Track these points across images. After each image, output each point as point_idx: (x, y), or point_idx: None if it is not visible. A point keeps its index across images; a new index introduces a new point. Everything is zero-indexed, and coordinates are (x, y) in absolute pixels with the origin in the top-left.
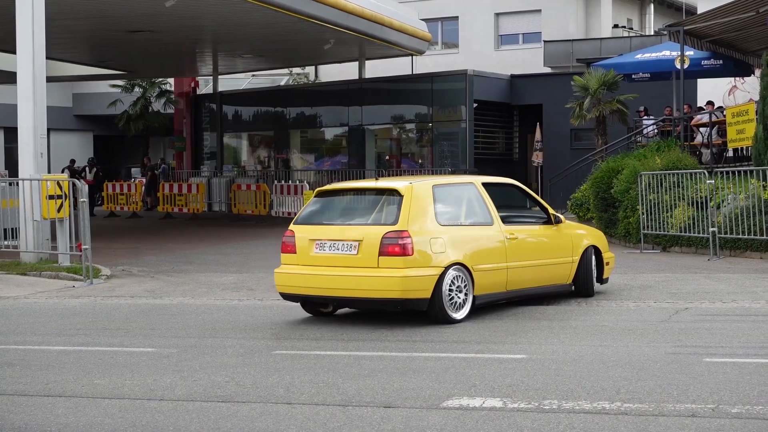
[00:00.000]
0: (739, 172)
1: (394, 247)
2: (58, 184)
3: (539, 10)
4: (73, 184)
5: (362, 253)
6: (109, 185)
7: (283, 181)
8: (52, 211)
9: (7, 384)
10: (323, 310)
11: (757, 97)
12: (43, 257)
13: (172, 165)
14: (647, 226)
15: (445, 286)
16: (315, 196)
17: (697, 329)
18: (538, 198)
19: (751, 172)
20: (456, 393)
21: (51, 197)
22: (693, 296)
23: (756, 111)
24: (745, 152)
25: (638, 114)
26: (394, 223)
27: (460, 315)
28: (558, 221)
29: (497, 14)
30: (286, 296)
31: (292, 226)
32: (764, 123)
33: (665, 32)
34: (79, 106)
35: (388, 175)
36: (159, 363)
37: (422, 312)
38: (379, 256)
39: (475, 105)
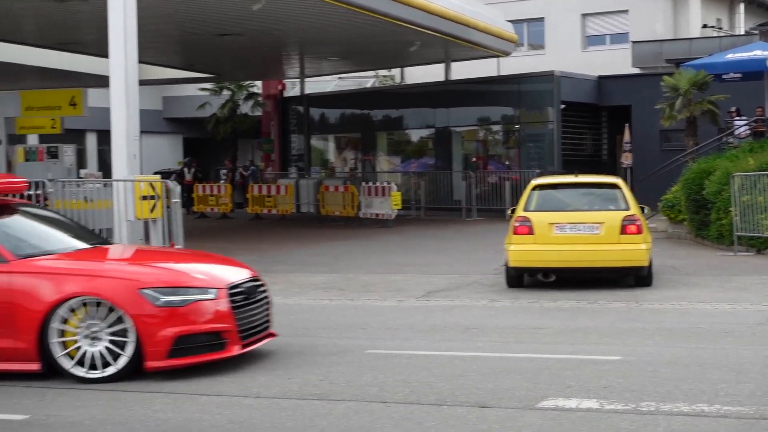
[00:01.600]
0: None
1: (631, 227)
2: (151, 185)
3: (626, 11)
4: (166, 185)
5: (605, 232)
6: (199, 187)
7: (370, 183)
8: (145, 212)
9: None
10: (546, 280)
11: None
12: None
13: (260, 167)
14: (740, 228)
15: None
16: (533, 189)
17: None
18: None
19: None
20: (551, 394)
21: (144, 198)
22: None
23: None
24: None
25: (729, 114)
26: (627, 209)
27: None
28: None
29: (584, 15)
30: (520, 269)
31: (525, 213)
32: None
33: (756, 32)
34: (169, 109)
35: (476, 177)
36: (253, 361)
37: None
38: (620, 234)
39: (562, 106)
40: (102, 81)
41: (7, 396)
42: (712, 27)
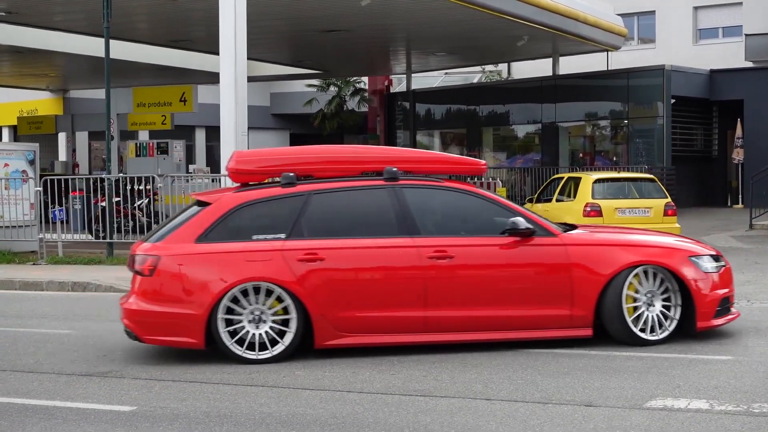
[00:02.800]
0: None
1: (670, 210)
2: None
3: (740, 3)
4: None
5: (653, 215)
6: None
7: (476, 179)
8: None
9: (212, 373)
10: None
11: None
12: None
13: None
14: None
15: None
16: (594, 183)
17: None
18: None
19: None
20: (659, 393)
21: None
22: None
23: None
24: None
25: None
26: (665, 197)
27: None
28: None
29: (696, 8)
30: None
31: (594, 201)
32: None
33: None
34: (276, 105)
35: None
36: (355, 357)
37: None
38: (663, 216)
39: (672, 101)
40: (212, 78)
41: (114, 387)
42: None
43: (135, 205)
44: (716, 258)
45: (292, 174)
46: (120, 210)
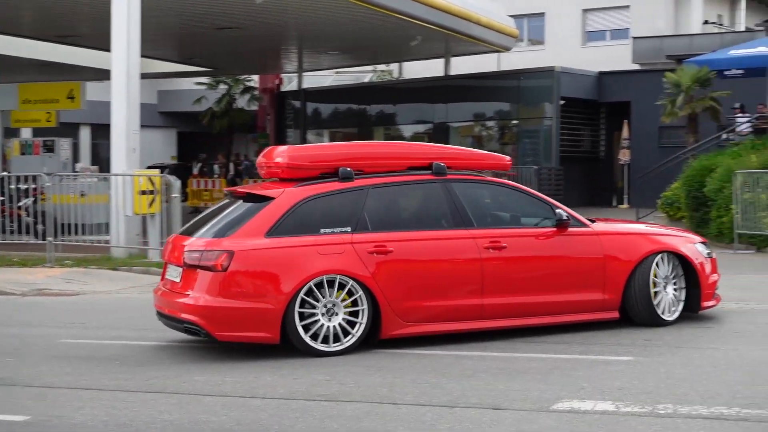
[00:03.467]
0: None
1: None
2: (150, 179)
3: (627, 6)
4: (165, 180)
5: None
6: (194, 181)
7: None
8: (144, 207)
9: (109, 379)
10: None
11: None
12: (133, 252)
13: (254, 161)
14: (741, 226)
15: None
16: None
17: None
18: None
19: None
20: (565, 395)
21: (143, 192)
22: None
23: None
24: None
25: (734, 111)
26: None
27: None
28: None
29: (584, 10)
30: None
31: None
32: None
33: (761, 28)
34: (163, 103)
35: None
36: (258, 361)
37: None
38: None
39: (562, 102)
40: (99, 74)
41: (5, 395)
42: (714, 23)
43: (19, 204)
44: (706, 245)
45: (349, 169)
46: (3, 210)
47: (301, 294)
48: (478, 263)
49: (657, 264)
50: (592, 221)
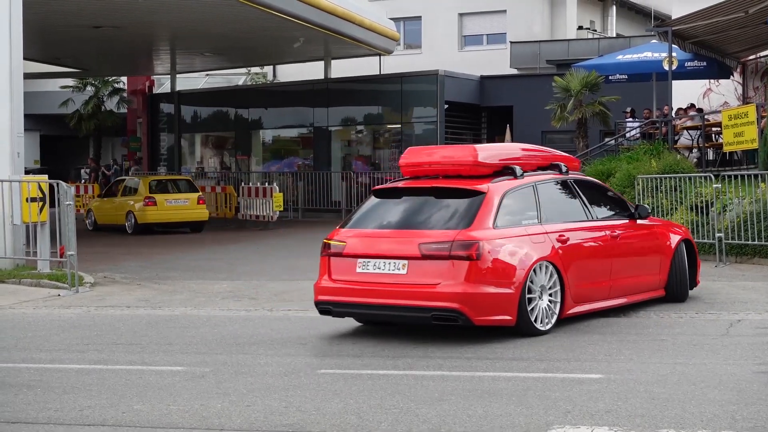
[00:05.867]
0: (743, 176)
1: (201, 200)
2: (39, 186)
3: (504, 11)
4: (58, 186)
5: (190, 204)
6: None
7: (251, 184)
8: (33, 215)
9: (36, 411)
10: None
11: (732, 100)
12: (20, 263)
13: (126, 166)
14: None
15: None
16: (149, 182)
17: (766, 344)
18: None
19: (756, 176)
20: (555, 421)
21: (33, 200)
22: (733, 306)
23: (760, 114)
24: (733, 155)
25: (624, 115)
26: (197, 191)
27: None
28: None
29: (461, 14)
30: None
31: (150, 195)
32: None
33: (653, 32)
34: (26, 105)
35: (356, 177)
36: (197, 384)
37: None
38: (197, 204)
39: (446, 106)
40: None
41: None
42: (587, 29)
43: None
44: None
45: (520, 168)
46: None
47: (528, 279)
48: (609, 250)
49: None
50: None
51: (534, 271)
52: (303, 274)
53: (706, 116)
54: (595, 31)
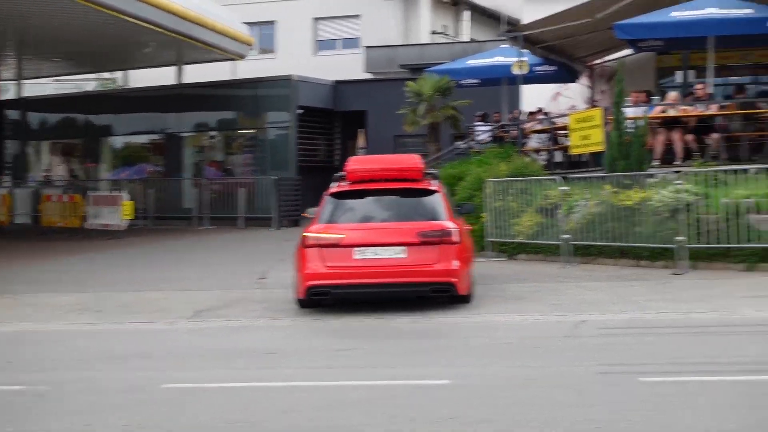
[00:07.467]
0: (589, 178)
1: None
2: None
3: (358, 16)
4: None
5: None
6: None
7: (98, 192)
8: None
9: None
10: None
11: (580, 104)
12: None
13: None
14: (492, 234)
15: None
16: None
17: (609, 345)
18: None
19: (602, 177)
20: (400, 428)
21: None
22: (578, 307)
23: (605, 117)
24: (580, 158)
25: (476, 119)
26: None
27: None
28: None
29: (316, 19)
30: None
31: None
32: (618, 129)
33: (503, 37)
34: None
35: (212, 183)
36: (36, 404)
37: None
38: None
39: (300, 111)
40: None
41: None
42: (441, 33)
43: None
44: None
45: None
46: None
47: None
48: None
49: None
50: None
51: None
52: (151, 285)
53: (553, 120)
54: (448, 35)
